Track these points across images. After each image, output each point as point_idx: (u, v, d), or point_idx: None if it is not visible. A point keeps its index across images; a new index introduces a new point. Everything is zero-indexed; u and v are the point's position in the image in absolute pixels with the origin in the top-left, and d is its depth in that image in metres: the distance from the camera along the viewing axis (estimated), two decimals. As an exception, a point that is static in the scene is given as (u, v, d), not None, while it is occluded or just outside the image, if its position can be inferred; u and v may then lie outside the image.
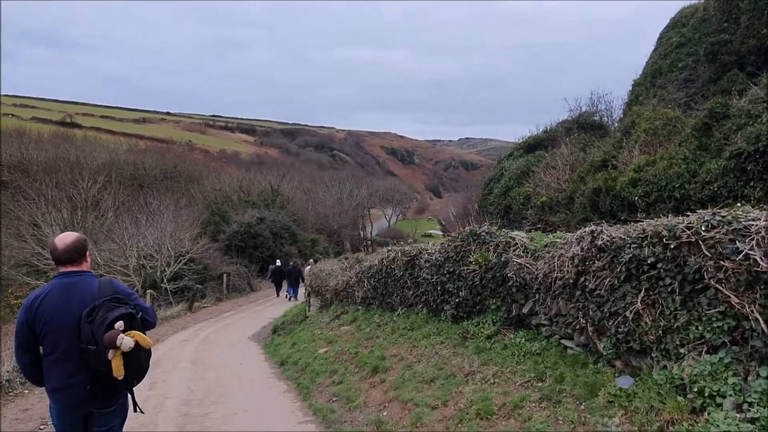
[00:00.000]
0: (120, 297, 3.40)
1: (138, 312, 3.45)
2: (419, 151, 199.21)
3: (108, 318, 3.22)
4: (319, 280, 14.78)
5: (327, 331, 11.23)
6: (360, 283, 11.27)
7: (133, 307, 3.42)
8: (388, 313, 9.85)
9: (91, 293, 3.39)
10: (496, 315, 6.79)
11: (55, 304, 3.36)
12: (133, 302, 3.49)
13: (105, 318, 3.22)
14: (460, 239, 7.52)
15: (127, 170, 45.28)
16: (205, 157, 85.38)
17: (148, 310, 3.63)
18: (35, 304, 3.38)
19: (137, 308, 3.47)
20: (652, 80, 22.79)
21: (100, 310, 3.26)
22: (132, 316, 3.35)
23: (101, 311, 3.25)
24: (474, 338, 6.78)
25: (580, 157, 18.00)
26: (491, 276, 6.75)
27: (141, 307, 3.55)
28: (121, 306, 3.33)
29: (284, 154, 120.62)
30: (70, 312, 3.32)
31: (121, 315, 3.26)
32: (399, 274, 9.39)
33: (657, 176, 12.28)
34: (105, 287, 3.44)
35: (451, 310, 7.59)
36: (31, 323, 3.36)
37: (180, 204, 30.72)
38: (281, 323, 17.03)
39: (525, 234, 7.16)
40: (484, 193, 25.77)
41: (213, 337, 16.92)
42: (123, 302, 3.38)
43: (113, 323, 3.21)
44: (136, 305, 3.50)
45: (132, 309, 3.39)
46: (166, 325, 19.62)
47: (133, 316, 3.35)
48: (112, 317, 3.22)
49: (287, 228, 42.56)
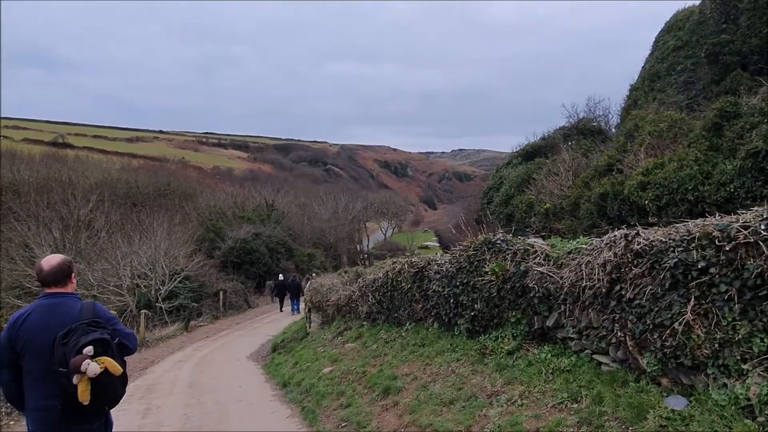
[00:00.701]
0: (98, 321, 3.40)
1: (115, 337, 3.43)
2: (413, 164, 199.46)
3: (80, 342, 3.21)
4: (320, 295, 14.25)
5: (331, 349, 10.69)
6: (364, 298, 10.76)
7: (110, 332, 3.41)
8: (395, 328, 9.34)
9: (71, 315, 3.39)
10: (516, 329, 6.30)
11: (36, 324, 3.37)
12: (112, 327, 3.49)
13: (77, 342, 3.21)
14: (473, 248, 7.05)
15: (120, 189, 44.82)
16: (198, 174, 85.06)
17: (128, 335, 3.61)
18: (18, 322, 3.41)
19: (115, 333, 3.46)
20: (651, 84, 22.57)
21: (75, 333, 3.26)
22: (105, 341, 3.32)
23: (76, 335, 3.25)
24: (493, 354, 6.29)
25: (583, 162, 17.63)
26: (510, 287, 6.27)
27: (120, 332, 3.53)
28: (97, 330, 3.32)
29: (278, 169, 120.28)
30: (50, 332, 3.31)
31: (94, 340, 3.25)
32: (406, 286, 8.89)
33: (668, 179, 11.88)
34: (86, 310, 3.45)
35: (466, 324, 7.10)
36: (13, 341, 3.38)
37: (174, 221, 30.14)
38: (281, 341, 16.46)
39: (543, 241, 6.71)
40: (483, 202, 25.36)
41: (210, 357, 16.32)
42: (100, 326, 3.38)
43: (83, 348, 3.19)
44: (114, 330, 3.49)
45: (108, 334, 3.37)
46: (161, 346, 19.01)
47: (106, 341, 3.33)
48: (83, 342, 3.21)
49: (283, 243, 42.02)
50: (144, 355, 16.70)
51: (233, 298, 29.47)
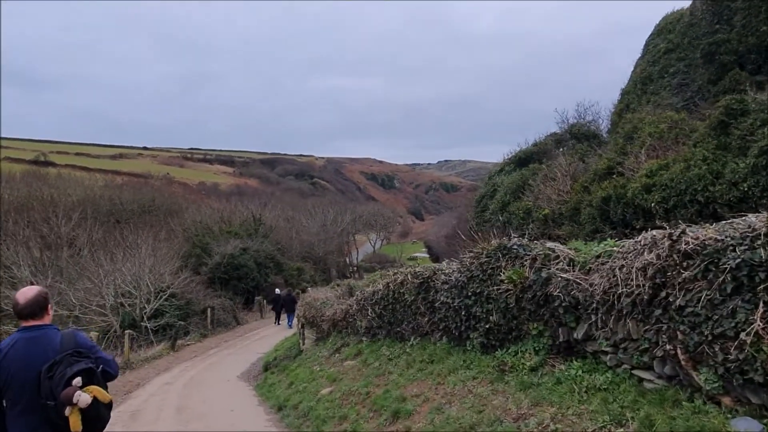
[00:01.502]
0: (81, 351, 3.42)
1: (99, 365, 3.47)
2: (399, 176, 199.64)
3: (66, 374, 3.22)
4: (314, 310, 13.58)
5: (328, 367, 10.03)
6: (362, 312, 10.12)
7: (93, 360, 3.45)
8: (398, 343, 8.72)
9: (53, 347, 3.38)
10: (538, 342, 5.72)
11: (18, 358, 3.35)
12: (95, 355, 3.52)
13: (64, 374, 3.22)
14: (486, 255, 6.48)
15: (103, 206, 43.89)
16: (184, 190, 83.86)
17: (109, 362, 3.65)
18: None
19: (98, 361, 3.50)
20: (643, 87, 22.31)
21: (59, 365, 3.27)
22: (91, 371, 3.35)
23: (61, 367, 3.26)
24: (514, 371, 5.70)
25: (580, 167, 17.20)
26: (530, 296, 5.70)
27: (102, 360, 3.57)
28: (81, 361, 3.34)
29: (264, 183, 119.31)
30: (33, 366, 3.30)
31: (80, 371, 3.26)
32: (410, 299, 8.29)
33: (674, 180, 11.42)
34: (67, 341, 3.45)
35: (480, 338, 6.50)
36: None
37: (159, 237, 29.27)
38: (273, 359, 15.74)
39: (561, 245, 6.15)
40: (477, 210, 24.87)
41: (199, 377, 15.54)
42: (84, 356, 3.40)
43: (71, 379, 3.20)
44: (97, 358, 3.52)
45: (92, 363, 3.41)
46: (147, 367, 18.15)
47: (92, 370, 3.36)
48: (70, 373, 3.22)
49: (272, 257, 41.24)
50: (128, 378, 15.88)
51: (221, 315, 28.61)
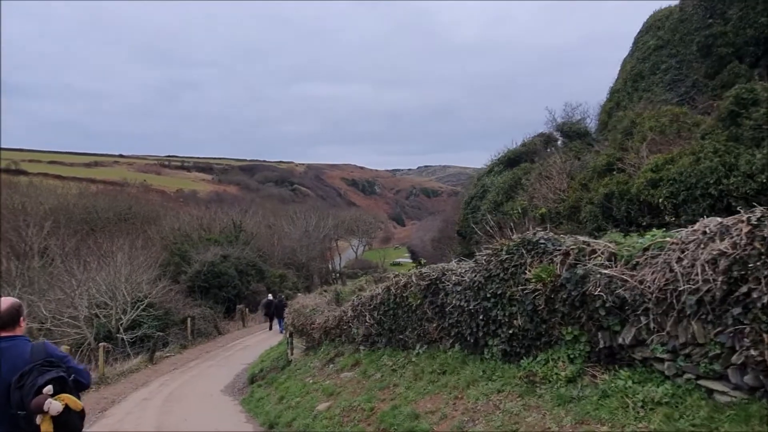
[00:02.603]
0: (52, 360, 3.38)
1: (70, 374, 3.43)
2: (380, 181, 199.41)
3: (37, 383, 3.20)
4: (303, 317, 12.73)
5: (322, 380, 9.22)
6: (359, 318, 9.34)
7: (65, 369, 3.40)
8: (401, 352, 7.96)
9: (23, 358, 3.36)
10: (573, 349, 5.01)
11: None
12: (66, 365, 3.47)
13: (34, 383, 3.20)
14: (507, 251, 5.76)
15: (77, 214, 42.59)
16: (161, 197, 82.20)
17: (81, 371, 3.61)
18: None
19: (69, 371, 3.45)
20: (634, 84, 21.93)
21: (29, 375, 3.24)
22: (62, 379, 3.32)
23: (31, 376, 3.23)
24: (547, 383, 4.98)
25: (576, 164, 16.65)
26: (564, 296, 4.99)
27: (74, 369, 3.52)
28: (52, 370, 3.31)
29: (244, 190, 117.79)
30: (3, 377, 3.27)
31: (51, 379, 3.24)
32: (414, 303, 7.53)
33: (684, 174, 10.86)
34: (37, 351, 3.43)
35: (501, 345, 5.78)
36: None
37: (136, 245, 28.11)
38: (259, 371, 14.84)
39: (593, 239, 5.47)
40: (466, 212, 24.22)
41: (179, 392, 14.57)
42: (55, 365, 3.36)
43: (42, 388, 3.19)
44: (69, 368, 3.47)
45: (63, 372, 3.36)
46: (123, 382, 17.07)
47: (63, 379, 3.33)
48: (41, 382, 3.21)
49: (253, 264, 40.24)
50: (103, 394, 14.85)
51: (202, 325, 27.54)
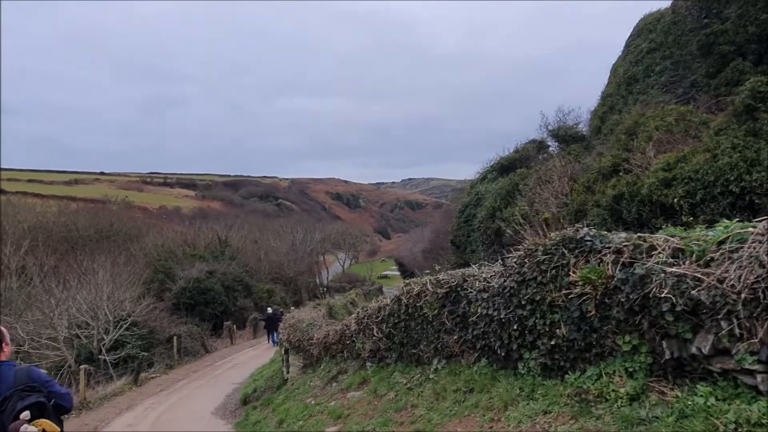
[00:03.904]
0: (33, 385, 3.38)
1: (51, 399, 3.42)
2: (364, 195, 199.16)
3: (16, 407, 3.21)
4: (299, 332, 11.94)
5: (326, 400, 8.44)
6: (365, 331, 8.60)
7: (45, 394, 3.40)
8: (415, 368, 7.24)
9: (7, 383, 3.35)
10: (632, 360, 4.34)
11: None
12: (48, 389, 3.47)
13: (14, 408, 3.21)
14: (544, 252, 5.10)
15: (57, 232, 41.32)
16: (144, 214, 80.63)
17: (63, 395, 3.58)
18: None
19: (51, 395, 3.45)
20: (628, 88, 21.66)
21: (10, 400, 3.25)
22: (42, 404, 3.32)
23: (11, 401, 3.24)
24: (603, 401, 4.29)
25: (577, 167, 16.15)
26: (621, 300, 4.33)
27: (55, 394, 3.51)
28: (33, 395, 3.32)
29: (228, 205, 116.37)
30: None
31: (30, 404, 3.25)
32: (430, 313, 6.83)
33: (700, 171, 10.35)
34: (21, 376, 3.42)
35: (541, 359, 5.09)
36: None
37: (118, 262, 27.06)
38: (252, 391, 14.00)
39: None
40: (460, 221, 23.64)
41: (167, 416, 13.68)
42: (36, 390, 3.36)
43: (20, 413, 3.19)
44: (50, 392, 3.47)
45: (44, 397, 3.37)
46: (106, 406, 16.08)
47: (43, 404, 3.33)
48: (20, 407, 3.22)
49: (240, 280, 39.30)
50: (84, 420, 13.89)
51: (189, 343, 26.54)
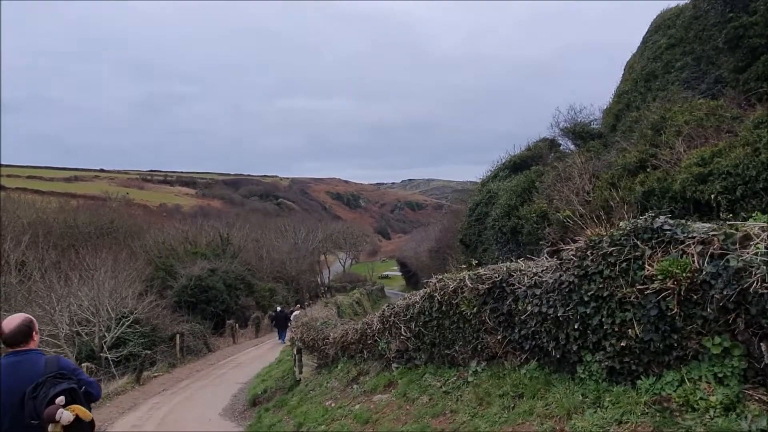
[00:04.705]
0: (64, 373, 3.48)
1: (81, 386, 3.52)
2: (365, 195, 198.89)
3: (49, 394, 3.31)
4: (314, 331, 11.41)
5: (348, 403, 7.91)
6: (391, 330, 8.06)
7: (76, 381, 3.50)
8: (448, 371, 6.71)
9: (36, 371, 3.46)
10: (722, 365, 3.82)
11: (3, 381, 3.42)
12: (77, 377, 3.57)
13: (47, 394, 3.31)
14: (612, 243, 4.57)
15: (56, 229, 40.81)
16: (144, 212, 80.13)
17: (92, 384, 3.70)
18: None
19: (80, 383, 3.54)
20: (646, 84, 21.17)
21: (43, 386, 3.35)
22: (74, 390, 3.42)
23: (44, 387, 3.34)
24: (690, 410, 3.77)
25: (597, 164, 15.63)
26: (715, 296, 3.80)
27: (85, 381, 3.62)
28: (64, 381, 3.42)
29: (228, 204, 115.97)
30: (17, 389, 3.38)
31: (63, 390, 3.34)
32: (468, 311, 6.30)
33: (740, 166, 9.85)
34: (51, 364, 3.54)
35: (607, 362, 4.56)
36: None
37: (120, 258, 26.54)
38: (261, 391, 13.47)
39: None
40: (470, 220, 23.09)
41: (173, 417, 13.14)
42: (66, 377, 3.46)
43: (54, 398, 3.29)
44: (80, 380, 3.57)
45: (75, 384, 3.46)
46: (108, 406, 15.53)
47: (75, 390, 3.42)
48: (53, 393, 3.31)
49: (242, 278, 38.84)
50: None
51: (191, 342, 26.00)
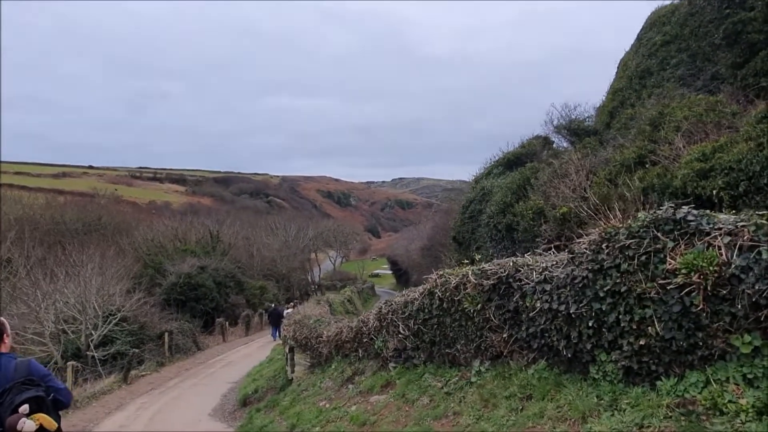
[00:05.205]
0: (33, 379, 3.38)
1: (50, 393, 3.43)
2: (355, 193, 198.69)
3: (15, 401, 3.21)
4: (306, 329, 11.09)
5: (344, 404, 7.61)
6: (389, 329, 7.77)
7: (45, 389, 3.40)
8: (449, 370, 6.43)
9: (6, 375, 3.35)
10: (751, 365, 3.57)
11: None
12: (47, 384, 3.47)
13: (12, 401, 3.22)
14: (629, 234, 4.30)
15: (43, 225, 40.20)
16: (133, 209, 79.31)
17: (61, 390, 3.58)
18: None
19: (49, 390, 3.45)
20: (641, 81, 21.03)
21: (9, 393, 3.26)
22: (40, 398, 3.32)
23: (11, 394, 3.25)
24: (718, 414, 3.51)
25: (594, 161, 15.42)
26: (747, 291, 3.55)
27: (54, 389, 3.51)
28: (32, 388, 3.32)
29: (218, 201, 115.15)
30: None
31: (28, 398, 3.25)
32: (471, 308, 6.02)
33: (744, 161, 9.65)
34: (21, 369, 3.41)
35: (624, 361, 4.29)
36: None
37: (107, 254, 26.04)
38: (253, 391, 13.14)
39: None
40: (463, 217, 22.84)
41: (161, 418, 12.78)
42: (35, 384, 3.36)
43: (19, 407, 3.20)
44: (49, 387, 3.47)
45: (42, 391, 3.36)
46: (95, 405, 15.13)
47: (41, 398, 3.33)
48: (18, 400, 3.22)
49: (232, 276, 38.39)
50: (71, 421, 12.94)
51: (180, 340, 25.53)
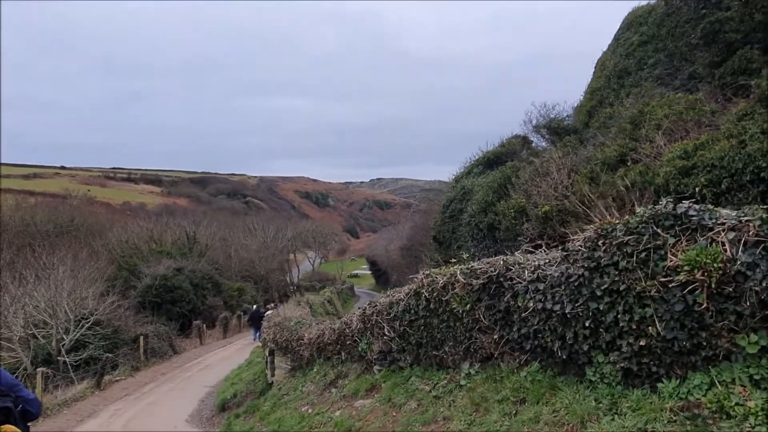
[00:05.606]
0: (1, 389, 3.18)
1: (18, 404, 3.24)
2: (333, 193, 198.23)
3: None
4: (287, 332, 10.80)
5: (327, 409, 7.36)
6: (373, 330, 7.54)
7: (13, 399, 3.21)
8: (437, 373, 6.23)
9: None
10: (758, 366, 3.42)
11: None
12: (16, 394, 3.28)
13: None
14: (628, 231, 4.14)
15: (13, 227, 39.05)
16: (107, 210, 77.78)
17: (30, 401, 3.38)
18: None
19: (18, 400, 3.26)
20: (619, 81, 21.17)
21: None
22: (8, 410, 3.12)
23: None
24: (725, 417, 3.36)
25: (575, 159, 15.40)
26: (754, 288, 3.40)
27: (23, 399, 3.32)
28: None
29: (195, 202, 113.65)
30: None
31: None
32: (460, 309, 5.82)
33: (726, 158, 9.64)
34: None
35: (622, 363, 4.13)
36: None
37: (80, 257, 25.36)
38: (230, 396, 12.79)
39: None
40: (444, 216, 22.72)
41: (135, 424, 12.36)
42: (3, 394, 3.17)
43: None
44: (18, 397, 3.27)
45: (10, 402, 3.17)
46: (65, 413, 14.59)
47: (9, 409, 3.12)
48: None
49: (209, 277, 37.79)
50: (40, 429, 12.45)
51: (156, 344, 24.94)
